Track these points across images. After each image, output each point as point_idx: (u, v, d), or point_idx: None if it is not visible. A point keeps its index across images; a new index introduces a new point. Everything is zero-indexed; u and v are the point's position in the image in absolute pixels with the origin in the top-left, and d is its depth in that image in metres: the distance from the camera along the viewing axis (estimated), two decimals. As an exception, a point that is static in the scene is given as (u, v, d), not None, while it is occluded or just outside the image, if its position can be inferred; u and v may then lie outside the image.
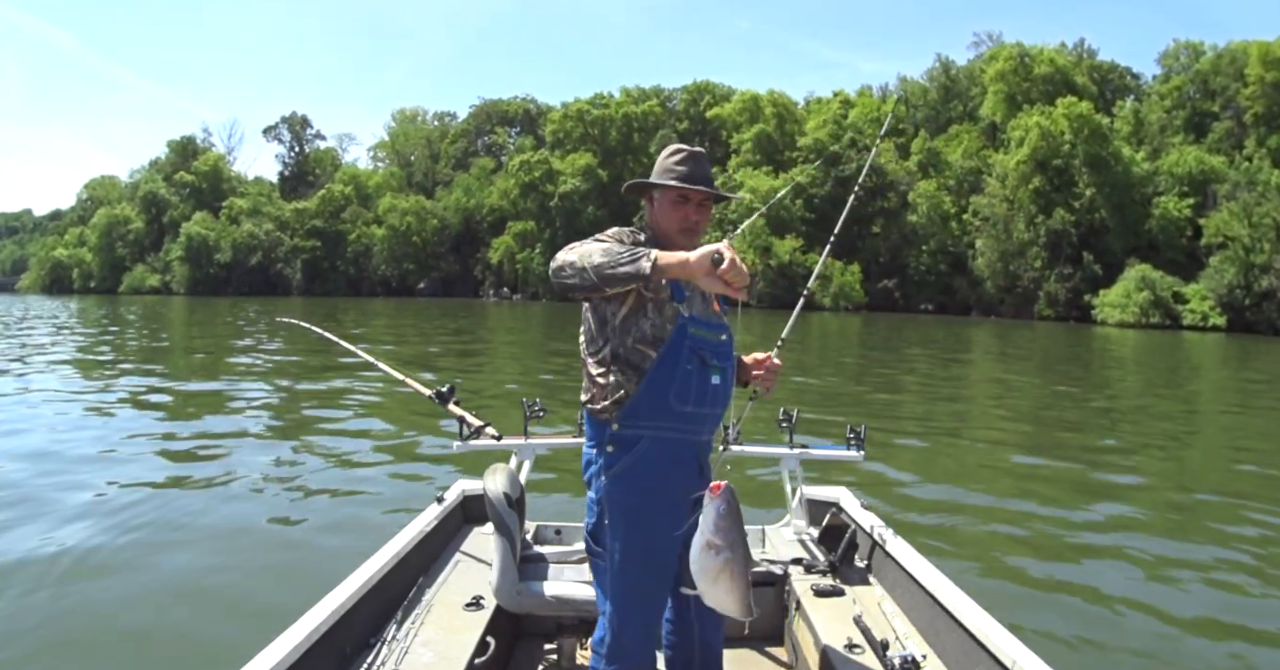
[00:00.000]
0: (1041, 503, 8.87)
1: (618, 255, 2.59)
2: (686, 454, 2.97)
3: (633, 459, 2.87)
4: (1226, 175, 61.84)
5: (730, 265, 2.42)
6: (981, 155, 73.44)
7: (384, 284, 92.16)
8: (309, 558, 6.55)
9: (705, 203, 3.04)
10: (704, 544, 2.51)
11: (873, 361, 26.66)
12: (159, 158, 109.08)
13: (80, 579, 6.03)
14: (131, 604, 5.61)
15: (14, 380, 16.71)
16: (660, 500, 2.88)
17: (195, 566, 6.35)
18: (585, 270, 2.63)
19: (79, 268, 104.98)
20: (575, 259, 2.66)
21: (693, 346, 2.89)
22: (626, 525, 2.88)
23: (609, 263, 2.59)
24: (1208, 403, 19.29)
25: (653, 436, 2.88)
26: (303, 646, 2.93)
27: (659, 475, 2.89)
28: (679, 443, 2.93)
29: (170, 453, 10.31)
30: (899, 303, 71.65)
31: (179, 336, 32.27)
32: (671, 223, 3.01)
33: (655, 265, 2.53)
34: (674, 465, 2.92)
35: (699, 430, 2.96)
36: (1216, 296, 56.18)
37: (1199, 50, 73.56)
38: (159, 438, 11.18)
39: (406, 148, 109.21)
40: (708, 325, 2.98)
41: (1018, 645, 3.00)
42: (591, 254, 2.63)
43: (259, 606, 5.39)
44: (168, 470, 9.38)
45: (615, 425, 2.87)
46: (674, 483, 2.90)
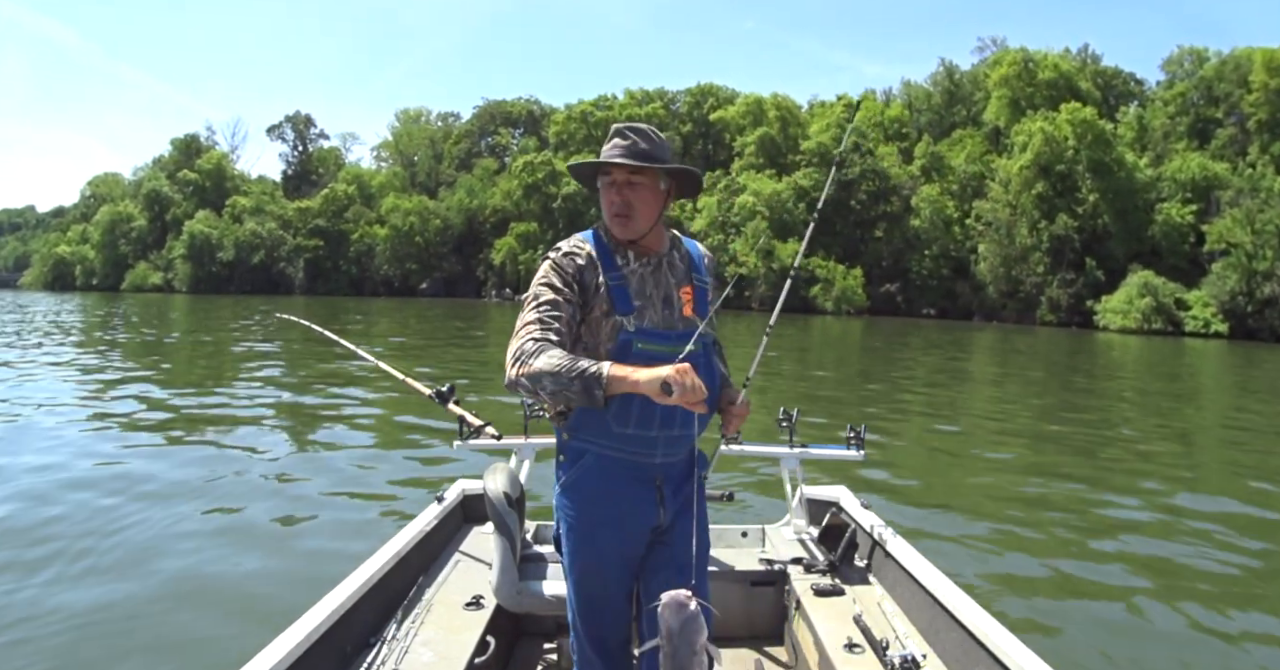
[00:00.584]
0: (1042, 502, 8.88)
1: (567, 382, 2.38)
2: (637, 475, 2.73)
3: (578, 472, 2.73)
4: (1230, 182, 61.74)
5: (681, 393, 2.25)
6: (985, 160, 73.36)
7: (386, 284, 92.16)
8: (309, 557, 6.55)
9: (631, 183, 2.71)
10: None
11: (873, 365, 26.65)
12: (162, 155, 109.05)
13: (81, 578, 6.03)
14: (131, 604, 5.60)
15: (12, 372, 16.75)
16: (603, 522, 2.72)
17: (194, 566, 6.35)
18: (542, 395, 2.47)
19: (81, 265, 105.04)
20: (527, 382, 2.45)
21: (642, 363, 2.51)
22: (572, 539, 2.76)
23: (561, 392, 2.41)
24: (1211, 408, 19.28)
25: (598, 452, 2.70)
26: (303, 646, 2.93)
27: (604, 494, 2.72)
28: (626, 463, 2.71)
29: (170, 452, 10.32)
30: (901, 307, 71.58)
31: (182, 334, 32.28)
32: (605, 210, 2.74)
33: (606, 393, 2.36)
34: (622, 486, 2.72)
35: (651, 452, 2.70)
36: (1219, 303, 56.11)
37: (1203, 56, 73.51)
38: (159, 437, 11.20)
39: (410, 148, 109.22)
40: (665, 337, 2.70)
41: (1018, 645, 3.00)
42: (540, 377, 2.41)
43: (258, 606, 5.39)
44: (167, 469, 9.37)
45: (565, 435, 2.75)
46: (620, 504, 2.73)
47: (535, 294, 2.65)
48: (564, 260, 2.70)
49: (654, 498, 2.74)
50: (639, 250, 2.78)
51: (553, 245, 2.79)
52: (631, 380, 2.34)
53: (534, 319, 2.57)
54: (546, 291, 2.63)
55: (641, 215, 2.72)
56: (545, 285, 2.65)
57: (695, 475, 2.86)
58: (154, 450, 10.38)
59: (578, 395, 2.38)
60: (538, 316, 2.57)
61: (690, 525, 2.80)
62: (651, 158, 2.70)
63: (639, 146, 2.70)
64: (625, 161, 2.68)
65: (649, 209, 2.73)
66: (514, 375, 2.46)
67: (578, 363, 2.39)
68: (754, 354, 3.34)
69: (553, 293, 2.63)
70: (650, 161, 2.69)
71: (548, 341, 2.50)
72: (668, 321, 2.73)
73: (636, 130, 2.73)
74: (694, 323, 2.76)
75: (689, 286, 2.83)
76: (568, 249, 2.73)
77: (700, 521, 2.84)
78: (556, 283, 2.65)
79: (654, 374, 2.30)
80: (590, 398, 2.37)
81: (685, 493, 2.84)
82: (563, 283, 2.65)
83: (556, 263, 2.69)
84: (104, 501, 7.92)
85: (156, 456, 10.01)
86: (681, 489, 2.83)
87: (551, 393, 2.41)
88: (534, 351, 2.45)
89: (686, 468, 2.85)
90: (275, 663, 2.76)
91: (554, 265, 2.69)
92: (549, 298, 2.62)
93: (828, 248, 72.20)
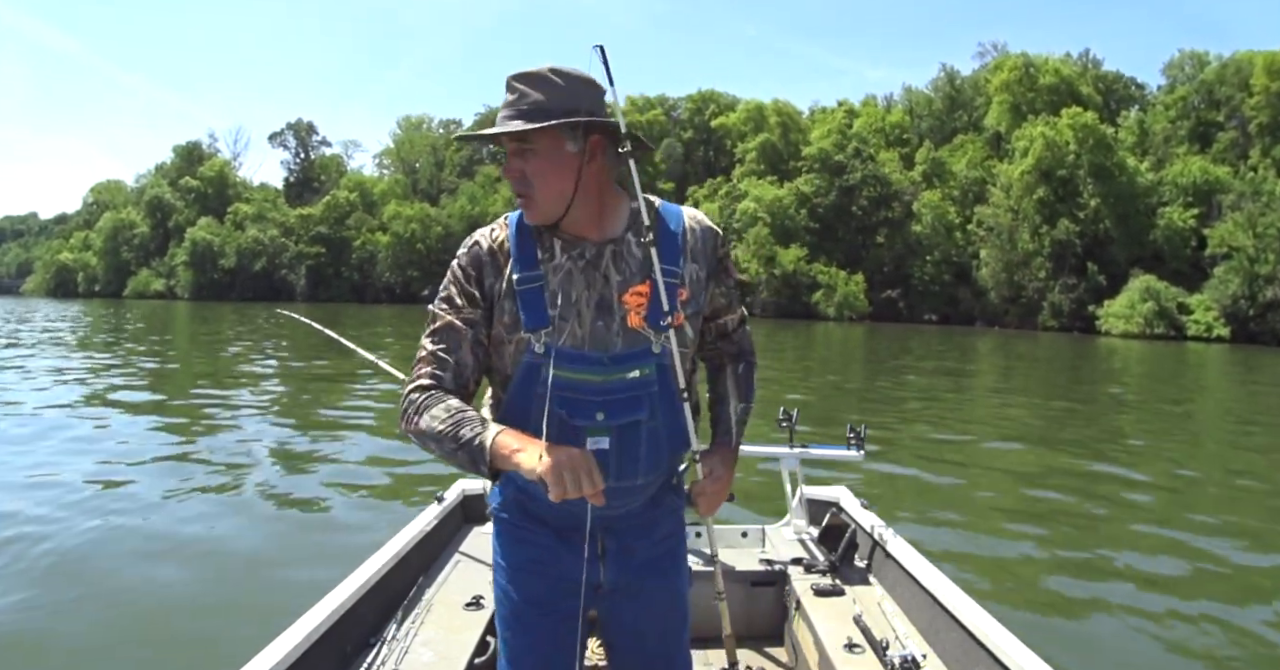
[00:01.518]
0: (1044, 505, 8.87)
1: (451, 451, 1.90)
2: (563, 523, 2.12)
3: (498, 500, 2.23)
4: (1231, 186, 61.73)
5: (563, 492, 1.74)
6: (986, 165, 73.38)
7: (388, 291, 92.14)
8: (308, 557, 6.55)
9: (522, 152, 1.98)
10: None
11: (875, 370, 26.64)
12: (165, 163, 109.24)
13: (80, 577, 6.03)
14: (131, 602, 5.60)
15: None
16: (520, 566, 2.20)
17: (193, 565, 6.35)
18: (430, 451, 1.98)
19: (84, 271, 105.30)
20: (416, 442, 1.99)
21: (555, 395, 1.98)
22: (498, 582, 2.24)
23: (451, 461, 1.93)
24: (1214, 412, 19.26)
25: (519, 485, 2.14)
26: (303, 646, 2.92)
27: (520, 541, 2.19)
28: (553, 508, 2.04)
29: (169, 451, 10.34)
30: (903, 313, 71.55)
31: (183, 337, 32.31)
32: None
33: (492, 467, 1.87)
34: (549, 533, 2.16)
35: (575, 505, 1.88)
36: (1221, 307, 56.07)
37: (1204, 60, 73.56)
38: (158, 435, 11.21)
39: (412, 155, 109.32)
40: (592, 362, 2.00)
41: (1018, 645, 2.98)
42: (425, 440, 1.95)
43: (258, 606, 5.38)
44: (166, 469, 9.41)
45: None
46: (540, 550, 2.17)
47: (430, 315, 2.10)
48: (464, 261, 2.08)
49: (581, 553, 2.05)
50: (566, 240, 2.05)
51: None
52: (514, 461, 1.82)
53: (425, 354, 2.05)
54: (442, 312, 2.07)
55: (543, 192, 1.97)
56: (443, 301, 2.08)
57: (667, 530, 2.28)
58: (151, 448, 10.39)
59: (467, 467, 1.90)
60: (430, 351, 2.05)
61: (666, 587, 2.27)
62: (546, 111, 1.93)
63: (529, 98, 1.94)
64: (503, 128, 1.96)
65: (556, 181, 1.97)
66: (402, 428, 1.99)
67: (460, 427, 1.88)
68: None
69: (448, 313, 2.06)
70: (544, 117, 1.92)
71: (436, 388, 1.99)
72: (600, 338, 2.01)
73: (528, 78, 1.97)
74: (643, 338, 2.03)
75: (644, 283, 2.04)
76: (473, 241, 2.10)
77: (677, 587, 2.31)
78: (455, 297, 2.06)
79: (531, 460, 1.79)
80: (479, 472, 1.89)
81: (648, 553, 2.23)
82: (462, 295, 2.06)
83: (456, 267, 2.09)
84: (101, 500, 7.92)
85: (156, 456, 10.01)
86: (638, 547, 2.21)
87: (440, 456, 1.94)
88: (419, 405, 1.96)
89: (647, 520, 2.22)
90: (275, 663, 2.75)
91: (454, 271, 2.09)
92: (443, 323, 2.05)
93: (829, 254, 72.28)
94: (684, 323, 2.07)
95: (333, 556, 6.15)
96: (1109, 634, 5.51)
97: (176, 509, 7.82)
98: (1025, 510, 8.78)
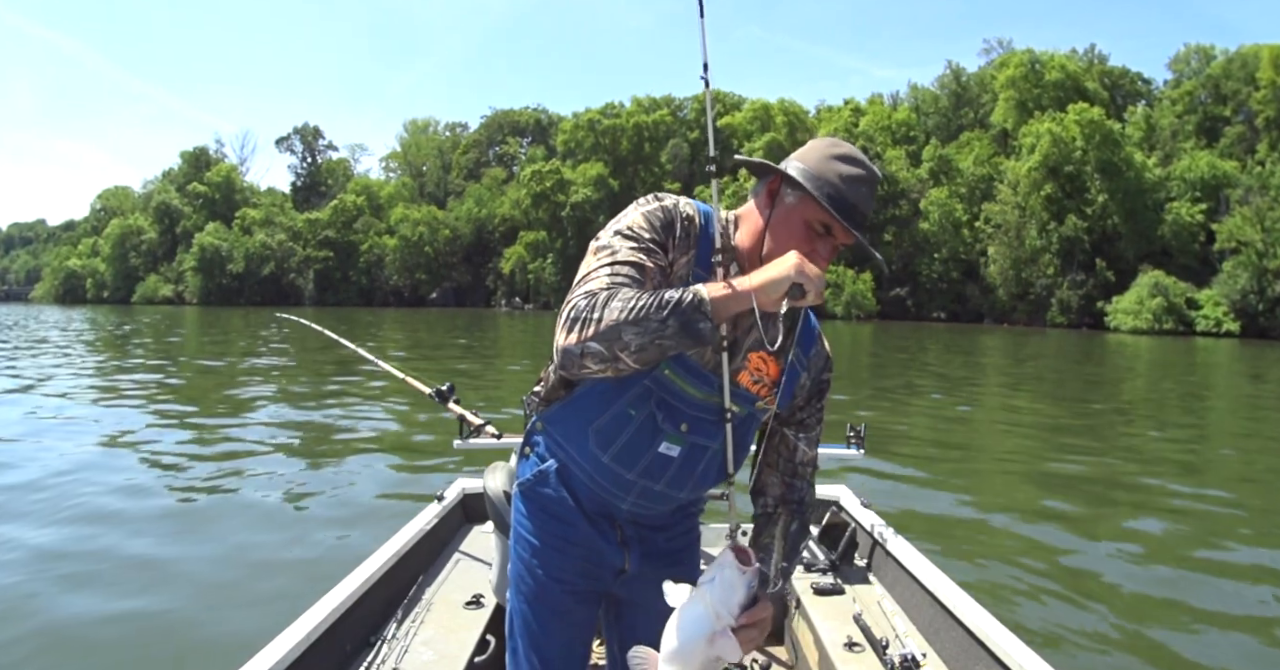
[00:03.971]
0: (1047, 505, 8.83)
1: (659, 326, 1.70)
2: (597, 509, 2.12)
3: (536, 479, 2.14)
4: (1239, 180, 61.69)
5: (815, 293, 1.72)
6: (993, 162, 73.35)
7: (396, 294, 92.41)
8: (308, 556, 6.56)
9: (841, 246, 1.99)
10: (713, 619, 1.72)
11: (883, 368, 26.60)
12: (172, 168, 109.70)
13: (80, 576, 6.03)
14: (129, 601, 5.61)
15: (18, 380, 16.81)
16: (553, 545, 2.14)
17: (192, 565, 6.36)
18: (624, 359, 1.75)
19: (92, 278, 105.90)
20: (600, 346, 1.73)
21: (655, 390, 1.98)
22: (520, 552, 2.19)
23: (654, 342, 1.72)
24: (1226, 408, 19.20)
25: (563, 462, 2.10)
26: (303, 644, 2.92)
27: (559, 513, 2.13)
28: (590, 492, 2.10)
29: (168, 451, 10.36)
30: (911, 311, 71.56)
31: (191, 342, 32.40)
32: (782, 244, 1.92)
33: (718, 322, 1.75)
34: (581, 515, 2.11)
35: (620, 496, 2.07)
36: (1230, 302, 56.01)
37: (1210, 54, 73.45)
38: (157, 434, 11.26)
39: (418, 158, 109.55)
40: (704, 380, 1.99)
41: (1018, 644, 2.97)
42: (619, 330, 1.71)
43: (257, 605, 5.39)
44: (165, 468, 9.44)
45: (540, 423, 2.14)
46: (575, 529, 2.13)
47: (610, 247, 1.89)
48: (668, 212, 1.96)
49: (615, 536, 2.14)
50: (741, 268, 1.99)
51: (568, 256, 2.02)
52: (738, 290, 1.73)
53: (602, 275, 1.84)
54: (626, 247, 1.89)
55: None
56: (629, 237, 1.91)
57: (686, 527, 2.29)
58: (151, 447, 10.42)
59: (676, 338, 1.72)
60: (609, 274, 1.83)
61: (684, 574, 2.09)
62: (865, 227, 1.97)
63: (869, 209, 1.99)
64: (868, 249, 1.96)
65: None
66: (575, 341, 1.74)
67: (662, 294, 1.73)
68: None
69: (635, 252, 1.88)
70: (863, 232, 1.95)
71: (596, 293, 1.79)
72: (717, 368, 1.97)
73: (875, 183, 2.01)
74: (751, 396, 2.06)
75: (773, 357, 2.07)
76: (671, 202, 2.00)
77: (692, 577, 2.11)
78: (646, 238, 1.92)
79: (773, 277, 1.72)
80: (697, 336, 1.73)
81: (668, 545, 2.24)
82: (654, 242, 1.92)
83: (658, 212, 1.96)
84: (101, 497, 7.94)
85: (154, 455, 10.03)
86: (658, 539, 2.21)
87: (639, 349, 1.73)
88: (598, 303, 1.74)
89: (666, 526, 2.23)
90: (275, 661, 2.75)
91: (651, 215, 1.95)
92: (629, 258, 1.87)
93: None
94: (774, 407, 2.12)
95: (332, 556, 6.16)
96: (1109, 634, 5.49)
97: (169, 508, 7.84)
98: (1027, 510, 8.74)
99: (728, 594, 1.73)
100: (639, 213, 1.95)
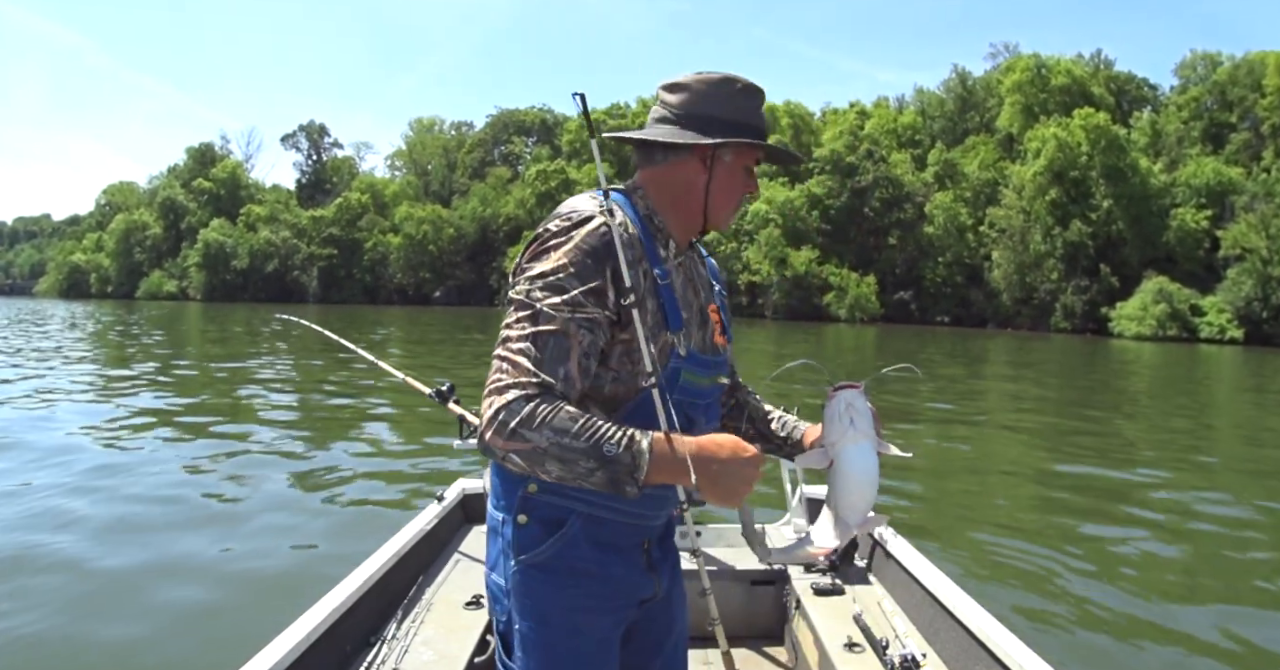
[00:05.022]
0: (1044, 504, 8.84)
1: (586, 471, 1.62)
2: (631, 542, 1.93)
3: (557, 546, 1.84)
4: (1244, 187, 61.64)
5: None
6: (998, 167, 73.26)
7: (400, 292, 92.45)
8: (308, 556, 6.56)
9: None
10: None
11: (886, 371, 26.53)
12: (177, 164, 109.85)
13: (82, 574, 6.05)
14: (130, 599, 5.62)
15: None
16: (587, 606, 1.89)
17: (190, 565, 6.35)
18: (535, 473, 1.66)
19: (96, 272, 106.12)
20: (518, 459, 1.63)
21: (681, 401, 1.85)
22: (543, 635, 1.86)
23: (572, 480, 1.64)
24: (1231, 416, 19.18)
25: (586, 514, 1.85)
26: (303, 645, 2.91)
27: (595, 570, 1.88)
28: (621, 527, 1.89)
29: (169, 450, 10.36)
30: (915, 315, 71.49)
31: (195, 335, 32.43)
32: (729, 198, 1.95)
33: (645, 483, 1.64)
34: (615, 556, 1.90)
35: (658, 513, 1.96)
36: (1234, 309, 55.94)
37: (1216, 61, 73.38)
38: (158, 432, 11.30)
39: (423, 157, 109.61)
40: (704, 365, 1.93)
41: (1018, 644, 2.97)
42: (542, 458, 1.61)
43: (256, 606, 5.39)
44: (165, 467, 9.43)
45: (533, 486, 1.83)
46: (612, 581, 1.91)
47: (529, 310, 1.72)
48: (600, 242, 1.76)
49: (644, 564, 1.98)
50: (676, 241, 1.96)
51: (556, 213, 1.82)
52: (686, 473, 1.63)
53: (532, 351, 1.68)
54: (564, 305, 1.71)
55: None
56: (551, 291, 1.72)
57: (672, 528, 2.18)
58: (150, 448, 10.42)
59: (599, 486, 1.64)
60: (534, 356, 1.68)
61: (684, 585, 2.18)
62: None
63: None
64: (796, 154, 2.09)
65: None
66: (499, 445, 1.62)
67: (601, 435, 1.61)
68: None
69: (576, 305, 1.72)
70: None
71: (549, 394, 1.65)
72: (704, 344, 1.95)
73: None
74: (721, 351, 2.02)
75: (713, 303, 2.05)
76: (596, 221, 1.78)
77: (679, 590, 2.16)
78: (590, 282, 1.73)
79: (729, 488, 1.66)
80: (619, 492, 1.64)
81: (673, 555, 2.14)
82: (598, 283, 1.74)
83: (587, 244, 1.75)
84: (101, 496, 7.96)
85: (153, 455, 10.02)
86: (669, 548, 2.12)
87: (559, 478, 1.64)
88: (531, 419, 1.60)
89: (669, 524, 2.16)
90: (275, 662, 2.74)
91: (584, 250, 1.74)
92: (554, 325, 1.70)
93: (841, 255, 72.26)
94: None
95: (332, 556, 6.15)
96: (1110, 635, 5.49)
97: (169, 507, 7.85)
98: (1027, 512, 8.75)
99: (865, 419, 1.90)
100: (564, 252, 1.74)
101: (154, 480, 8.84)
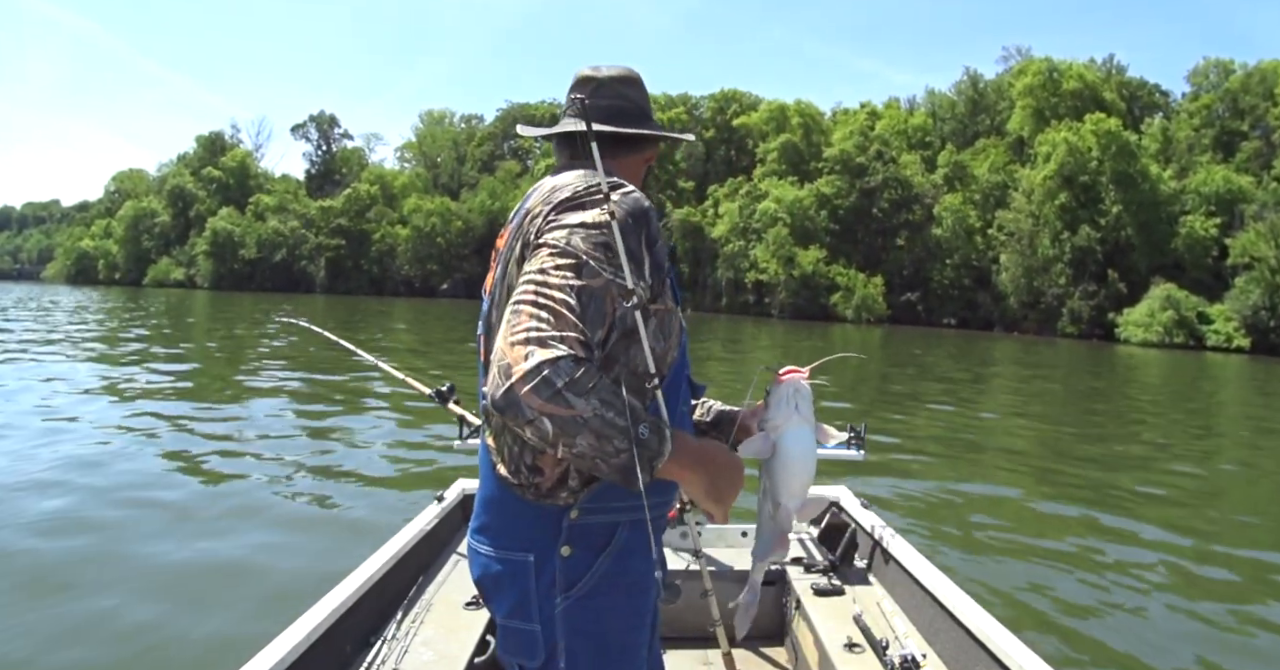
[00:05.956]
0: (1045, 507, 8.85)
1: (614, 451, 1.48)
2: (654, 540, 1.71)
3: (607, 563, 1.73)
4: (1254, 195, 61.36)
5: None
6: (1008, 170, 73.00)
7: (407, 284, 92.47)
8: (308, 557, 6.55)
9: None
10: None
11: (889, 374, 26.56)
12: (187, 152, 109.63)
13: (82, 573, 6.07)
14: (130, 598, 5.63)
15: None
16: (637, 625, 1.83)
17: (190, 565, 6.37)
18: (557, 448, 1.48)
19: (104, 259, 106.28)
20: (549, 425, 1.44)
21: (687, 374, 1.87)
22: (595, 655, 1.75)
23: (596, 459, 1.50)
24: (1235, 425, 19.15)
25: (631, 521, 1.74)
26: (303, 645, 2.92)
27: (641, 586, 1.81)
28: (653, 526, 1.68)
29: (169, 450, 10.32)
30: (921, 316, 71.30)
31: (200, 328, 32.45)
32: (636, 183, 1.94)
33: (653, 478, 1.55)
34: (652, 560, 1.77)
35: (673, 500, 2.00)
36: (1241, 317, 55.72)
37: (1229, 69, 73.05)
38: (158, 431, 11.31)
39: (433, 149, 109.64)
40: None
41: (1017, 644, 2.97)
42: (579, 427, 1.45)
43: (255, 606, 5.41)
44: (165, 467, 9.43)
45: (575, 512, 1.72)
46: (652, 592, 1.87)
47: (574, 262, 1.59)
48: (639, 207, 1.71)
49: (658, 562, 1.84)
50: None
51: (580, 182, 1.73)
52: (698, 447, 1.64)
53: (575, 306, 1.54)
54: (608, 265, 1.61)
55: None
56: (609, 243, 1.63)
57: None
58: (151, 446, 10.43)
59: (610, 471, 1.51)
60: (580, 304, 1.55)
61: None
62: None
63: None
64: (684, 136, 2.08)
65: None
66: (535, 404, 1.44)
67: (637, 420, 1.50)
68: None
69: (607, 271, 1.61)
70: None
71: (593, 359, 1.51)
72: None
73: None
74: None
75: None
76: (636, 191, 1.75)
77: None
78: (636, 251, 1.67)
79: (725, 451, 1.68)
80: (629, 480, 1.51)
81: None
82: (629, 254, 1.64)
83: (629, 208, 1.69)
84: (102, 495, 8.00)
85: (154, 455, 10.01)
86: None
87: (576, 456, 1.49)
88: (580, 384, 1.44)
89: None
90: (275, 662, 2.75)
91: (628, 209, 1.68)
92: (600, 283, 1.60)
93: (849, 256, 72.16)
94: None
95: (332, 556, 6.16)
96: (1110, 635, 5.50)
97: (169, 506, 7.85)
98: (1029, 514, 8.76)
99: (808, 405, 1.89)
100: (605, 211, 1.64)
101: (151, 479, 8.84)
